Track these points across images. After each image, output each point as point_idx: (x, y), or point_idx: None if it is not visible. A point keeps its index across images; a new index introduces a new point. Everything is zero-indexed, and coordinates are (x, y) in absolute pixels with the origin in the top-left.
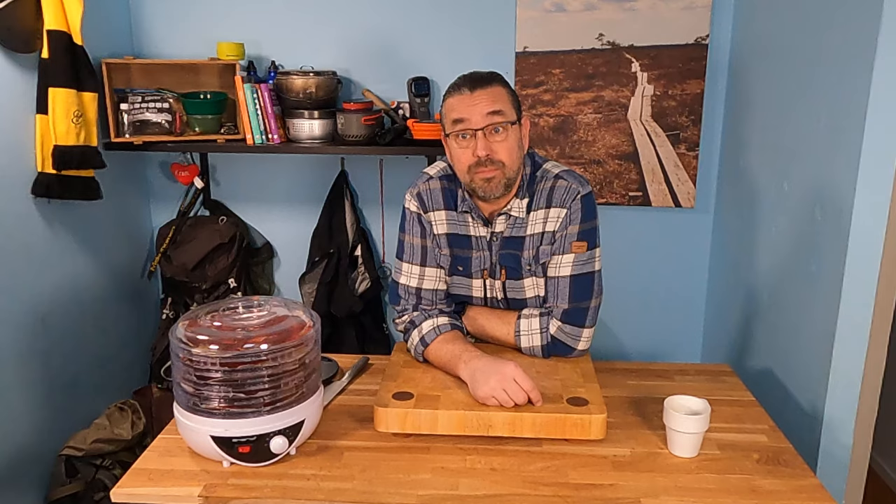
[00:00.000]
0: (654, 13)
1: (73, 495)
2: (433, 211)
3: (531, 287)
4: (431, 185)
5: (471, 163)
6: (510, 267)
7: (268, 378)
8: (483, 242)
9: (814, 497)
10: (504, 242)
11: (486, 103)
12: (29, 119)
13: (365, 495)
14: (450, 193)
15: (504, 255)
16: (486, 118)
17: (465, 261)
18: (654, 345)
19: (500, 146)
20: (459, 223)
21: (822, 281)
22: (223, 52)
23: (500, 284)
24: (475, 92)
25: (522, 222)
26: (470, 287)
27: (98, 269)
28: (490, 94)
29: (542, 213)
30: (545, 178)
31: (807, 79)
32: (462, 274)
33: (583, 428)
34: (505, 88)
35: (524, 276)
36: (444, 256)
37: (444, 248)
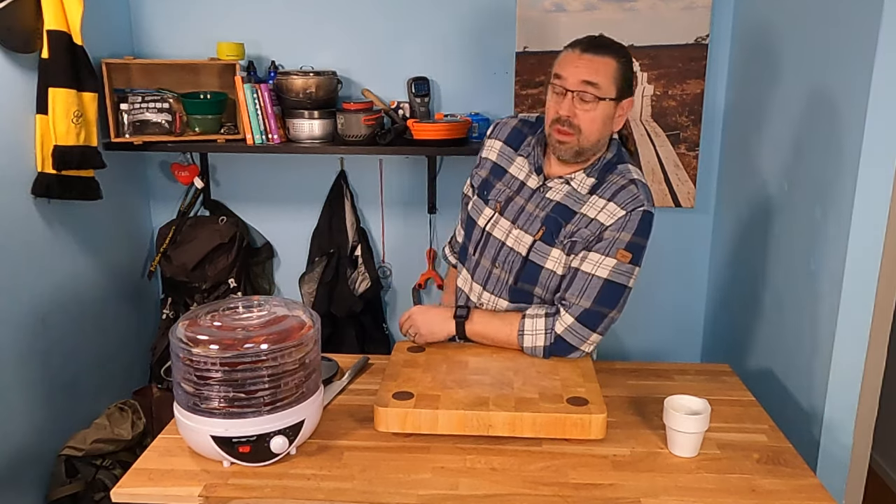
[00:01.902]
0: (654, 13)
1: (74, 495)
2: (496, 139)
3: (553, 259)
4: (510, 121)
5: (554, 116)
6: (549, 230)
7: (268, 378)
8: (523, 188)
9: (814, 497)
10: (555, 207)
11: (587, 71)
12: (29, 119)
13: (365, 495)
14: (518, 133)
15: (550, 218)
16: (579, 84)
17: (491, 188)
18: (654, 345)
19: (584, 115)
20: (508, 158)
21: (822, 281)
22: (223, 52)
23: (531, 241)
24: (584, 55)
25: (580, 199)
26: (480, 213)
27: (98, 269)
28: (595, 64)
29: (602, 202)
30: (623, 174)
31: (807, 78)
32: (482, 198)
33: (583, 428)
34: (617, 62)
35: (555, 245)
36: (479, 176)
37: (482, 171)
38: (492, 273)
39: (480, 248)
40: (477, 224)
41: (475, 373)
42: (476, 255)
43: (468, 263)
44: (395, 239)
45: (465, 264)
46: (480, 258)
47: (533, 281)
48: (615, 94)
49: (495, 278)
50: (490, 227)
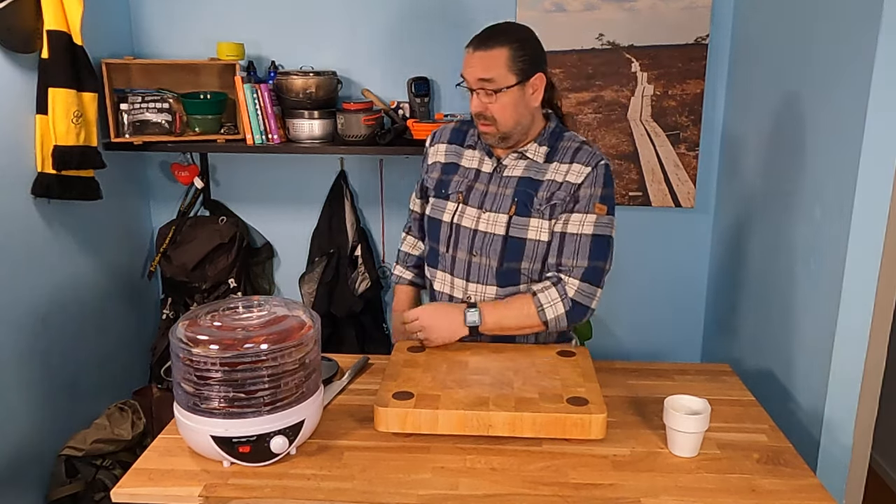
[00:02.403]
0: (654, 13)
1: (74, 495)
2: (438, 143)
3: (534, 229)
4: (447, 125)
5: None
6: (521, 202)
7: (268, 378)
8: (480, 175)
9: (814, 497)
10: (519, 182)
11: (479, 69)
12: (29, 119)
13: (365, 495)
14: (458, 132)
15: (519, 192)
16: (477, 82)
17: (448, 183)
18: (654, 345)
19: (493, 106)
20: (456, 154)
21: (822, 281)
22: (223, 52)
23: (507, 219)
24: (475, 53)
25: (540, 168)
26: (443, 210)
27: (98, 269)
28: (485, 60)
29: (564, 166)
30: (572, 139)
31: (807, 78)
32: (442, 196)
33: (583, 428)
34: (508, 49)
35: (532, 216)
36: (431, 179)
37: (433, 173)
38: (472, 262)
39: (453, 242)
40: (443, 221)
41: (475, 373)
42: (450, 251)
43: (442, 264)
44: (395, 239)
45: (437, 267)
46: (455, 252)
47: (518, 257)
48: (515, 80)
49: (477, 266)
50: (458, 219)
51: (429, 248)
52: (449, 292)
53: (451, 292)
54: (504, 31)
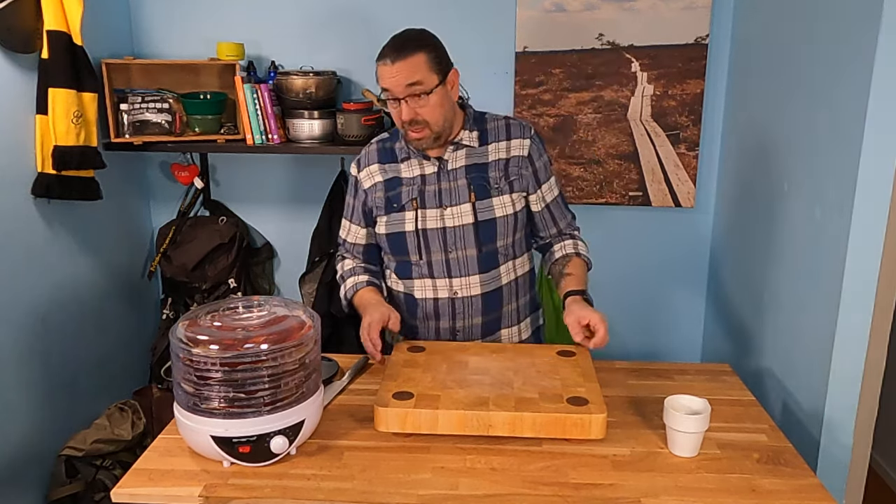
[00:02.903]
0: (654, 13)
1: (74, 495)
2: (368, 166)
3: (500, 206)
4: (370, 149)
5: (400, 122)
6: (478, 186)
7: (268, 378)
8: (426, 178)
9: (814, 497)
10: (467, 170)
11: (405, 75)
12: (29, 119)
13: (365, 495)
14: (384, 151)
15: (471, 179)
16: (405, 89)
17: (397, 197)
18: (654, 345)
19: (423, 110)
20: (391, 170)
21: (822, 281)
22: (223, 53)
23: (471, 206)
24: (395, 64)
25: (479, 152)
26: (403, 221)
27: (98, 269)
28: (408, 66)
29: (503, 143)
30: (495, 119)
31: (807, 78)
32: (395, 210)
33: (583, 428)
34: (424, 53)
35: (493, 196)
36: (377, 199)
37: (376, 193)
38: (450, 259)
39: (424, 248)
40: (406, 232)
41: (475, 373)
42: (423, 257)
43: (417, 272)
44: None
45: (412, 277)
46: (430, 256)
47: (493, 237)
48: (438, 80)
49: (456, 261)
50: (421, 224)
51: (396, 264)
52: (433, 296)
53: (435, 295)
54: (413, 37)
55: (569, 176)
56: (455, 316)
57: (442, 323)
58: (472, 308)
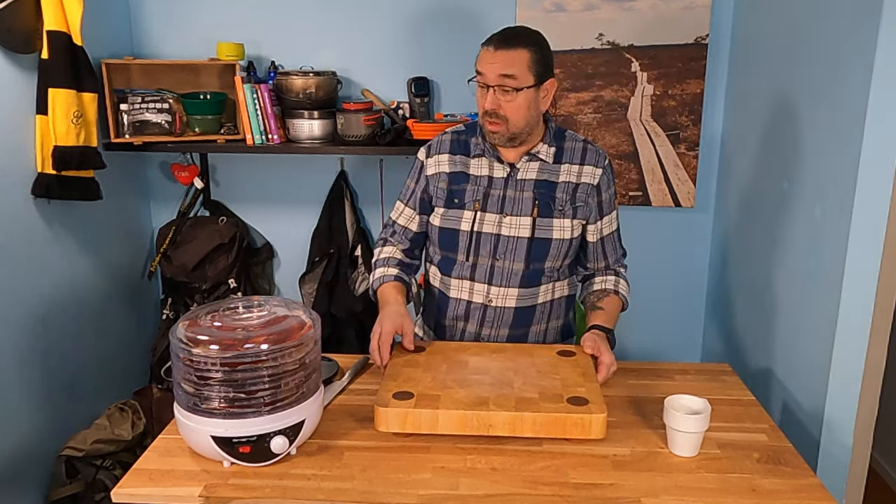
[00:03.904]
0: (654, 13)
1: (74, 496)
2: (438, 154)
3: (559, 229)
4: (443, 137)
5: (483, 109)
6: (543, 204)
7: (268, 378)
8: (493, 181)
9: (814, 496)
10: (536, 184)
11: (501, 65)
12: (29, 119)
13: (365, 495)
14: (458, 143)
15: (538, 194)
16: (497, 78)
17: (460, 193)
18: (654, 345)
19: (508, 105)
20: (459, 163)
21: (822, 280)
22: (223, 53)
23: (531, 221)
24: (497, 51)
25: (552, 169)
26: (460, 219)
27: (98, 269)
28: (508, 57)
29: (576, 167)
30: (574, 138)
31: (807, 78)
32: (456, 206)
33: (583, 427)
34: (529, 51)
35: (554, 216)
36: (438, 189)
37: (439, 184)
38: (495, 266)
39: (473, 249)
40: (461, 230)
41: (475, 373)
42: (470, 258)
43: (458, 271)
44: None
45: (451, 275)
46: (476, 259)
47: (543, 257)
48: (533, 81)
49: (500, 270)
50: (478, 227)
51: (441, 258)
52: (468, 298)
53: (469, 298)
54: (524, 34)
55: None
56: (484, 322)
57: (469, 327)
58: (501, 319)
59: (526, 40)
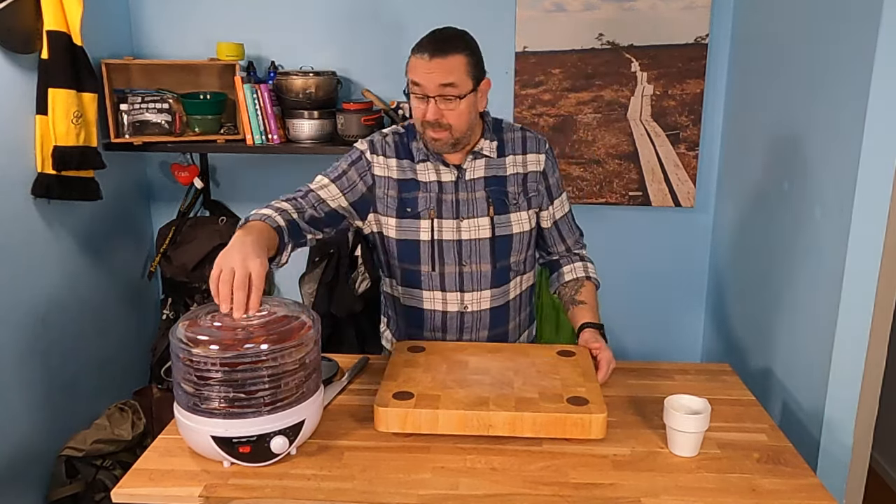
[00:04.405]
0: (654, 13)
1: (74, 496)
2: (385, 157)
3: (517, 222)
4: (386, 138)
5: (423, 120)
6: (497, 201)
7: (268, 378)
8: (443, 186)
9: (814, 496)
10: (486, 182)
11: (440, 74)
12: (29, 119)
13: (365, 495)
14: (402, 147)
15: (490, 192)
16: (438, 88)
17: (413, 202)
18: (654, 345)
19: (450, 113)
20: (408, 170)
21: (822, 281)
22: (223, 53)
23: (489, 220)
24: (433, 60)
25: (498, 163)
26: (418, 229)
27: (98, 269)
28: (446, 66)
29: (520, 157)
30: (512, 130)
31: (807, 78)
32: (409, 216)
33: (583, 427)
34: (464, 56)
35: (511, 211)
36: (388, 197)
37: (389, 190)
38: (463, 273)
39: (438, 259)
40: (420, 241)
41: (475, 373)
42: (436, 268)
43: (427, 283)
44: None
45: (421, 287)
46: (443, 268)
47: (508, 253)
48: (472, 86)
49: (469, 275)
50: (437, 235)
51: (403, 271)
52: (442, 308)
53: (444, 308)
54: (457, 37)
55: (569, 176)
56: (463, 330)
57: (448, 336)
58: (480, 322)
59: (460, 44)
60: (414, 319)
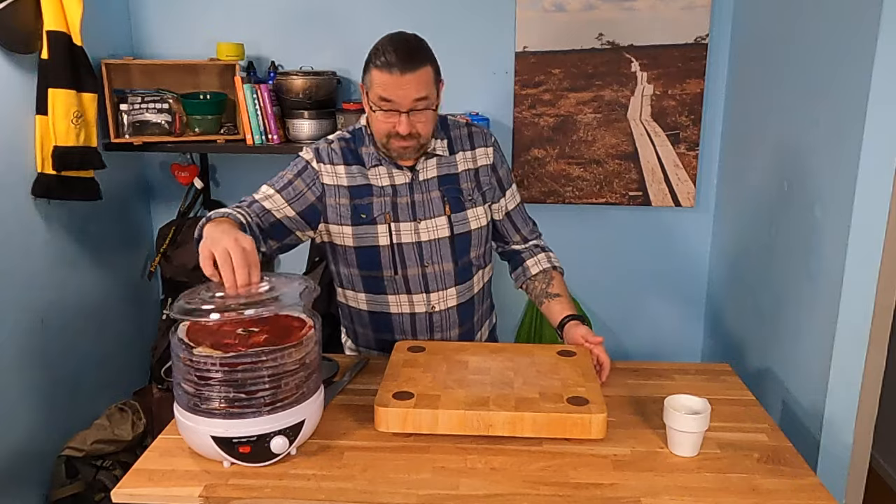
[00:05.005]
0: (654, 13)
1: (74, 496)
2: (332, 164)
3: (474, 218)
4: (332, 145)
5: (390, 133)
6: (453, 199)
7: (268, 378)
8: (397, 189)
9: (814, 496)
10: (440, 181)
11: (414, 89)
12: (29, 120)
13: (365, 495)
14: (350, 152)
15: (444, 191)
16: (412, 103)
17: (367, 208)
18: (654, 345)
19: (420, 123)
20: (357, 175)
21: (822, 281)
22: (223, 53)
23: (446, 219)
24: (405, 76)
25: (450, 161)
26: (375, 235)
27: (98, 269)
28: (418, 79)
29: (469, 153)
30: (458, 126)
31: (807, 78)
32: (365, 222)
33: (583, 427)
34: (430, 66)
35: (466, 208)
36: (339, 206)
37: (340, 199)
38: (426, 273)
39: (399, 263)
40: (380, 246)
41: (475, 372)
42: (399, 272)
43: (391, 288)
44: None
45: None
46: (405, 270)
47: (468, 250)
48: (437, 93)
49: (432, 275)
50: (396, 239)
51: (364, 278)
52: (409, 310)
53: (411, 310)
54: (420, 48)
55: (569, 176)
56: (433, 329)
57: (419, 338)
58: (449, 320)
59: (426, 55)
60: (382, 325)
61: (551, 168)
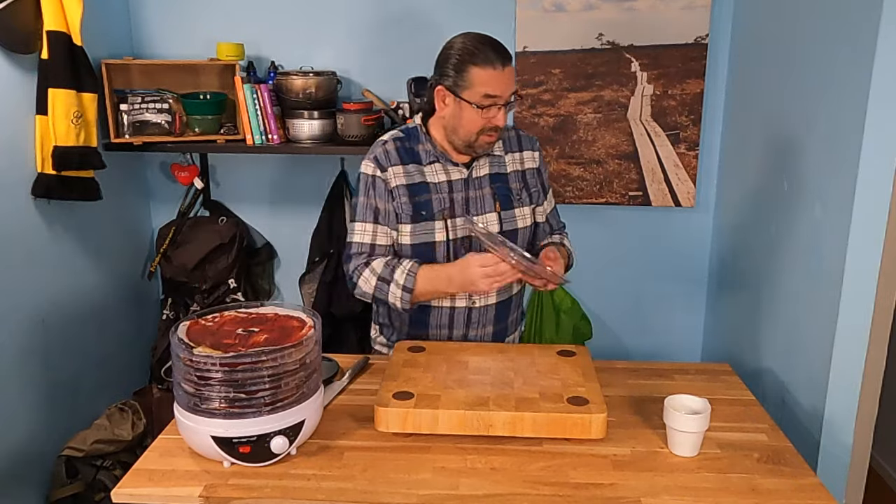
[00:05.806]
0: (654, 13)
1: (74, 496)
2: (391, 166)
3: (521, 218)
4: (387, 147)
5: (485, 127)
6: (503, 197)
7: (268, 378)
8: (453, 185)
9: (814, 496)
10: (490, 179)
11: (512, 81)
12: (29, 120)
13: (365, 495)
14: (405, 151)
15: (496, 188)
16: (510, 95)
17: (426, 205)
18: (654, 345)
19: (508, 115)
20: (415, 174)
21: (822, 280)
22: (223, 53)
23: (496, 216)
24: (506, 69)
25: (500, 160)
26: (433, 231)
27: (98, 269)
28: (512, 73)
29: (517, 155)
30: (506, 128)
31: (807, 78)
32: (425, 218)
33: (583, 427)
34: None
35: (514, 206)
36: (402, 205)
37: (401, 198)
38: None
39: (452, 258)
40: (436, 242)
41: (475, 373)
42: None
43: None
44: None
45: None
46: None
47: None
48: None
49: None
50: (452, 235)
51: None
52: (450, 304)
53: (452, 304)
54: (501, 43)
55: (569, 176)
56: (469, 325)
57: (455, 332)
58: (485, 317)
59: (507, 50)
60: (419, 317)
61: (551, 168)
